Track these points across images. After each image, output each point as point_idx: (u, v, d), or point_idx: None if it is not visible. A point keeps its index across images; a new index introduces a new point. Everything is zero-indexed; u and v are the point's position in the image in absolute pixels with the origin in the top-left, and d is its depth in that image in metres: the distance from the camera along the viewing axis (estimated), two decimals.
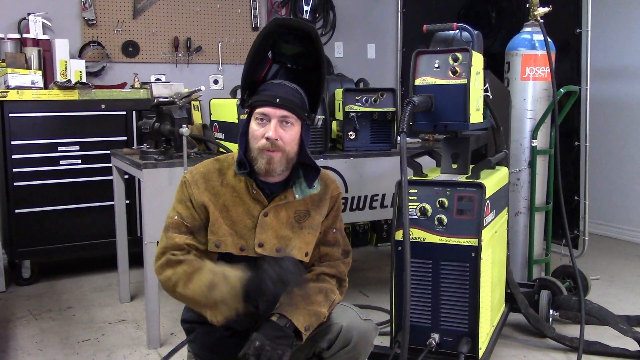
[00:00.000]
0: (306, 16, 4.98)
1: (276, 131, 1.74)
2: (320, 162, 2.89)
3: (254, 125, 1.78)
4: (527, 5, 3.12)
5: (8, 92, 3.50)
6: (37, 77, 3.66)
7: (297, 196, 1.85)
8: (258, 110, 1.77)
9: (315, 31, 1.83)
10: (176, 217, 1.80)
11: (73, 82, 3.73)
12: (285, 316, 1.71)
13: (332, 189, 1.96)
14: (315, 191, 1.87)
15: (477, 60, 2.32)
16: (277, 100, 1.75)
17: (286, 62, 1.89)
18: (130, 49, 4.44)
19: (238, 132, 1.90)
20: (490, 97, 2.49)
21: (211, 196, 1.81)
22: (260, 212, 1.82)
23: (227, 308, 1.66)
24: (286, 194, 1.84)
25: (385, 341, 2.58)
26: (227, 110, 2.96)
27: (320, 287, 1.81)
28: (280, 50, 1.87)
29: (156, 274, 1.78)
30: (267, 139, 1.74)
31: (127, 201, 3.46)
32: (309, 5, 4.95)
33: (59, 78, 3.81)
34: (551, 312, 2.90)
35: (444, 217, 2.24)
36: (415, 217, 2.27)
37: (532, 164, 3.26)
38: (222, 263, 1.74)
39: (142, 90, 3.94)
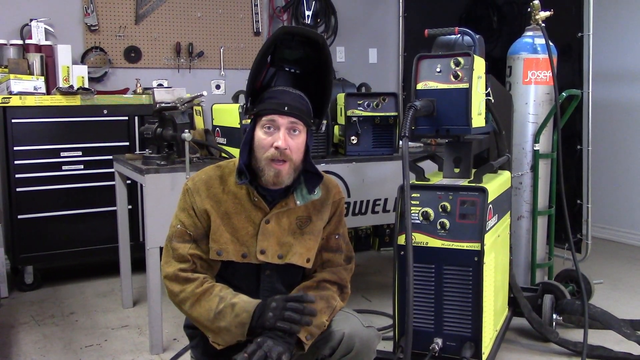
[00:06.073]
0: (308, 21, 4.99)
1: (285, 140, 1.73)
2: (322, 167, 2.89)
3: (260, 134, 1.76)
4: (529, 9, 3.12)
5: (11, 98, 3.51)
6: (40, 82, 3.66)
7: (298, 202, 1.83)
8: (265, 118, 1.75)
9: (322, 39, 1.82)
10: (179, 225, 1.81)
11: (75, 87, 3.73)
12: None
13: (334, 193, 1.94)
14: (316, 197, 1.86)
15: (479, 64, 2.32)
16: (286, 108, 1.73)
17: (285, 65, 1.86)
18: (133, 55, 4.44)
19: (240, 137, 1.89)
20: (492, 101, 2.48)
21: (213, 203, 1.80)
22: (262, 219, 1.81)
23: (230, 336, 1.70)
24: (287, 200, 1.83)
25: (388, 346, 2.58)
26: (229, 115, 2.96)
27: (322, 295, 1.80)
28: (281, 54, 1.85)
29: (162, 277, 1.81)
30: (277, 148, 1.72)
31: (130, 206, 3.46)
32: (310, 10, 4.96)
33: (62, 84, 3.82)
34: (554, 316, 2.89)
35: (446, 221, 2.23)
36: (418, 221, 2.26)
37: (534, 168, 3.26)
38: (230, 286, 1.77)
39: (144, 96, 3.95)
